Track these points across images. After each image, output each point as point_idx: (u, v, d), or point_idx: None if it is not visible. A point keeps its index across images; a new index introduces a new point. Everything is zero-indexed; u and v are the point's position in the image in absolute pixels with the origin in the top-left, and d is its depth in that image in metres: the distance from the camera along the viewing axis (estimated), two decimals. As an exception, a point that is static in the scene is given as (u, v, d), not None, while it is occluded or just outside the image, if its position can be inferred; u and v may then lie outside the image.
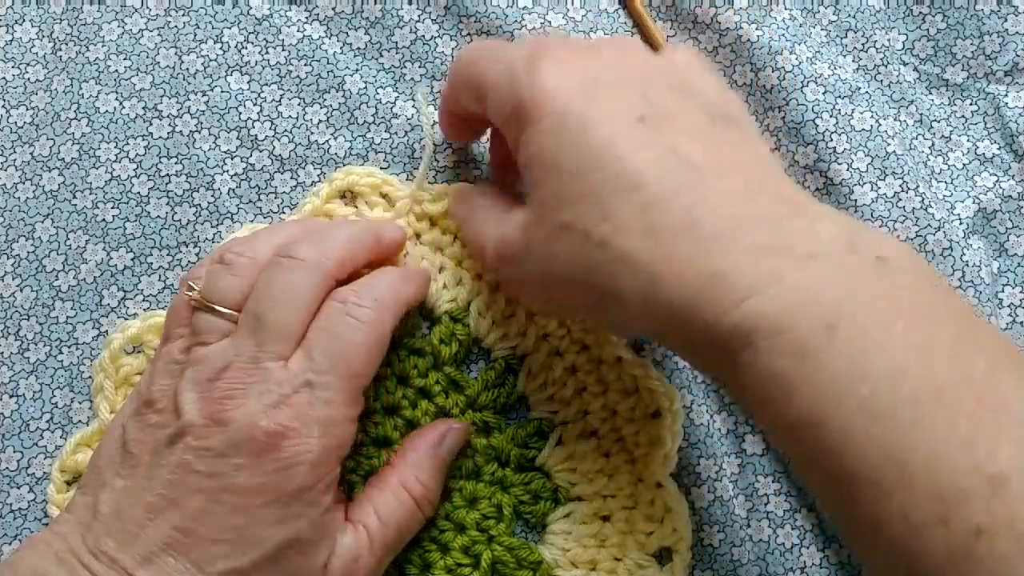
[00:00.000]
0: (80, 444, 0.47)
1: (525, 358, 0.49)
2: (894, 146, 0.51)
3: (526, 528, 0.49)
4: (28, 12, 0.54)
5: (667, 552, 0.48)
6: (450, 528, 0.48)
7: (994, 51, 0.52)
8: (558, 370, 0.49)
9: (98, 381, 0.47)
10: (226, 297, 0.42)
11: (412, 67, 0.53)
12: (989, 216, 0.51)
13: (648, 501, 0.48)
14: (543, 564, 0.47)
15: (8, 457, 0.49)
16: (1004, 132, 0.52)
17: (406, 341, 0.49)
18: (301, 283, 0.42)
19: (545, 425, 0.49)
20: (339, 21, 0.54)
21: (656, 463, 0.47)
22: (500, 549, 0.47)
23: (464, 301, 0.50)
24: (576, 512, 0.48)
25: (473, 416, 0.49)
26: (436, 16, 0.54)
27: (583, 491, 0.48)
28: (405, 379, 0.49)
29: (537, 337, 0.49)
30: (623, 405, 0.48)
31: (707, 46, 0.53)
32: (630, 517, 0.48)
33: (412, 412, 0.49)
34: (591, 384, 0.49)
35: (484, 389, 0.49)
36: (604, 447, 0.49)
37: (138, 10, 0.54)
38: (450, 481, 0.48)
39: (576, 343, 0.49)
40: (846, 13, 0.53)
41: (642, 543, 0.47)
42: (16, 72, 0.53)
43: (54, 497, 0.47)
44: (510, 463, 0.49)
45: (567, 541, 0.48)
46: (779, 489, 0.49)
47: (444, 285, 0.50)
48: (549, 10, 0.53)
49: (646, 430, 0.48)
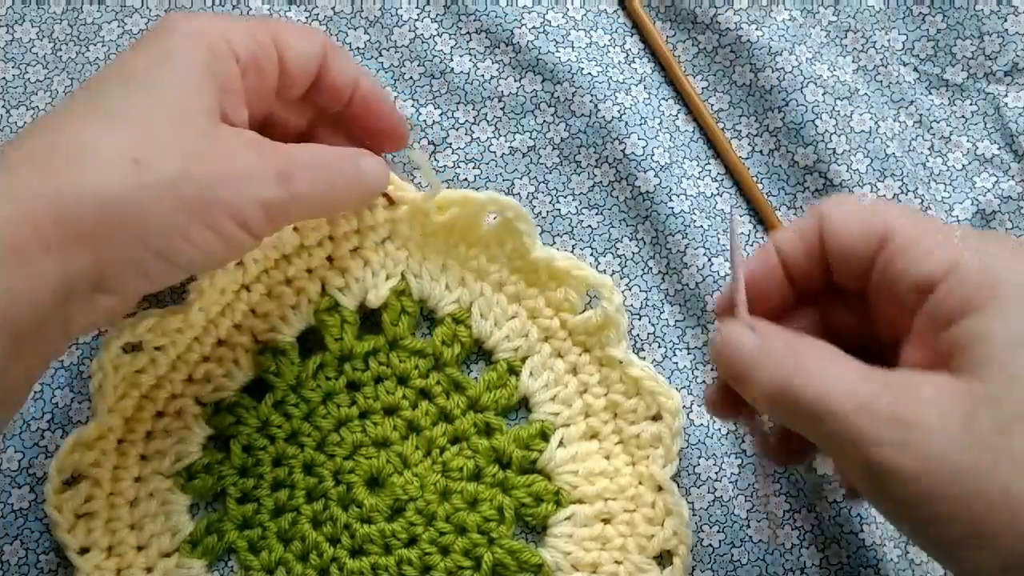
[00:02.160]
0: (78, 444, 0.47)
1: (527, 359, 0.49)
2: (893, 147, 0.51)
3: (527, 530, 0.49)
4: (28, 12, 0.54)
5: (667, 555, 0.48)
6: (451, 530, 0.48)
7: (994, 51, 0.52)
8: (560, 371, 0.49)
9: (96, 380, 0.47)
10: None
11: (411, 66, 0.53)
12: (988, 217, 0.51)
13: (649, 504, 0.48)
14: (544, 567, 0.47)
15: (8, 457, 0.49)
16: (1004, 132, 0.52)
17: (406, 342, 0.49)
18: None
19: (547, 427, 0.49)
20: (338, 21, 0.54)
21: (657, 466, 0.47)
22: (501, 551, 0.47)
23: (466, 303, 0.50)
24: (577, 514, 0.48)
25: (475, 417, 0.49)
26: (435, 15, 0.54)
27: (584, 493, 0.48)
28: (405, 379, 0.49)
29: (539, 338, 0.49)
30: (624, 407, 0.48)
31: (707, 46, 0.53)
32: (631, 520, 0.48)
33: (412, 412, 0.49)
34: (593, 385, 0.49)
35: (486, 390, 0.49)
36: (605, 449, 0.49)
37: (138, 10, 0.54)
38: (451, 482, 0.48)
39: (578, 345, 0.49)
40: (846, 13, 0.53)
41: (643, 546, 0.47)
42: (16, 72, 0.53)
43: (51, 497, 0.47)
44: (512, 465, 0.49)
45: (568, 544, 0.48)
46: (779, 489, 0.49)
47: (446, 286, 0.50)
48: (549, 9, 0.53)
49: (647, 432, 0.48)
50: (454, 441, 0.49)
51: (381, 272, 0.50)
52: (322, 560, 0.47)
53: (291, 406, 0.49)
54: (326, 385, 0.49)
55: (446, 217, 0.49)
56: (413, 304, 0.50)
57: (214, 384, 0.49)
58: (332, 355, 0.49)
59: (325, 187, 0.42)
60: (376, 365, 0.49)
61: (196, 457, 0.49)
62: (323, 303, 0.49)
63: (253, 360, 0.49)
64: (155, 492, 0.48)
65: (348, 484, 0.48)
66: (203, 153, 0.38)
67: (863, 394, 0.33)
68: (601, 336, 0.48)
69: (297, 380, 0.49)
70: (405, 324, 0.49)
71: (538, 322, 0.49)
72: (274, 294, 0.49)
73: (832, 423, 0.33)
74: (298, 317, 0.49)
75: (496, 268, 0.49)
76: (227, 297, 0.49)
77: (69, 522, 0.47)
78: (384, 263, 0.50)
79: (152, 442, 0.49)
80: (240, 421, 0.49)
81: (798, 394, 0.34)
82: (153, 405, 0.49)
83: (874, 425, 0.32)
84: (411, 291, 0.50)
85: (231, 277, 0.48)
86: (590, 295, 0.49)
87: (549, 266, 0.48)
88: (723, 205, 0.51)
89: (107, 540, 0.47)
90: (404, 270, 0.50)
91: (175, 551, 0.48)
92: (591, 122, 0.52)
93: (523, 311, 0.49)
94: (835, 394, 0.33)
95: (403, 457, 0.48)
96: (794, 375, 0.34)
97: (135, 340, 0.47)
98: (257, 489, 0.48)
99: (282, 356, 0.49)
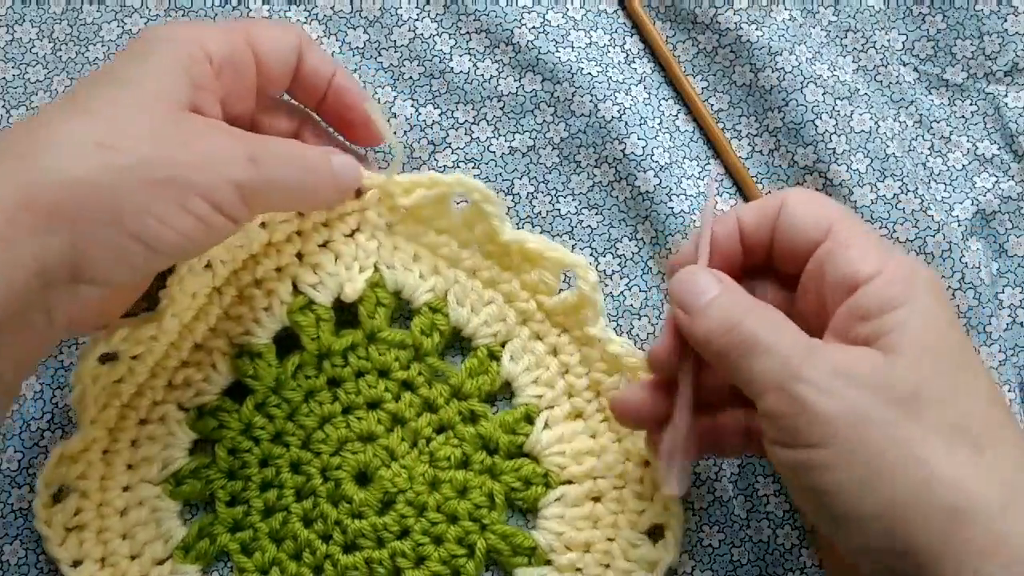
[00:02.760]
0: (63, 457, 0.47)
1: (506, 344, 0.49)
2: (893, 148, 0.51)
3: (519, 514, 0.49)
4: (28, 12, 0.54)
5: (659, 529, 0.48)
6: (443, 519, 0.48)
7: (994, 51, 0.52)
8: (540, 353, 0.49)
9: (76, 393, 0.47)
10: None
11: (411, 66, 0.53)
12: (988, 217, 0.51)
13: (637, 479, 0.48)
14: (538, 549, 0.48)
15: (8, 457, 0.49)
16: (1004, 132, 0.52)
17: (384, 334, 0.49)
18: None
19: (531, 410, 0.49)
20: (338, 20, 0.54)
21: (643, 440, 0.47)
22: (494, 537, 0.48)
23: (442, 291, 0.50)
24: (567, 495, 0.48)
25: (459, 406, 0.49)
26: (435, 15, 0.54)
27: (573, 473, 0.48)
28: (387, 372, 0.49)
29: (517, 322, 0.49)
30: (607, 384, 0.48)
31: (706, 46, 0.53)
32: (620, 496, 0.48)
33: (396, 405, 0.49)
34: (574, 366, 0.49)
35: (468, 377, 0.49)
36: (591, 428, 0.49)
37: (138, 10, 0.54)
38: (440, 472, 0.48)
39: (557, 326, 0.49)
40: (846, 13, 0.53)
41: (634, 522, 0.48)
42: (16, 72, 0.53)
43: (40, 512, 0.47)
44: (499, 451, 0.49)
45: (560, 525, 0.48)
46: (779, 489, 0.49)
47: (420, 275, 0.50)
48: (548, 9, 0.53)
49: None
50: (439, 430, 0.49)
51: (354, 265, 0.49)
52: (315, 558, 0.48)
53: (273, 407, 0.49)
54: (306, 384, 0.49)
55: (412, 200, 0.48)
56: (388, 296, 0.49)
57: (195, 389, 0.49)
58: (310, 354, 0.49)
59: (296, 174, 0.43)
60: (356, 360, 0.49)
61: (183, 463, 0.49)
62: (296, 303, 0.49)
63: (231, 364, 0.49)
64: (144, 500, 0.48)
65: (336, 480, 0.48)
66: (172, 136, 0.39)
67: (807, 343, 0.38)
68: (579, 315, 0.48)
69: (276, 382, 0.49)
70: (382, 316, 0.49)
71: (515, 306, 0.49)
72: (245, 296, 0.49)
73: (773, 359, 0.37)
74: (271, 319, 0.49)
75: (468, 254, 0.49)
76: (199, 301, 0.48)
77: (60, 536, 0.47)
78: (356, 255, 0.49)
79: (138, 450, 0.48)
80: (223, 425, 0.48)
81: (747, 330, 0.38)
82: (136, 413, 0.48)
83: (815, 369, 0.37)
84: (385, 282, 0.50)
85: (201, 281, 0.48)
86: (566, 274, 0.49)
87: (522, 248, 0.48)
88: (723, 206, 0.51)
89: (100, 551, 0.47)
90: (376, 261, 0.50)
91: (168, 558, 0.48)
92: (591, 122, 0.52)
93: (499, 296, 0.49)
94: (783, 338, 0.38)
95: (390, 450, 0.48)
96: (746, 315, 0.39)
97: (111, 350, 0.47)
98: (246, 491, 0.48)
99: (259, 359, 0.49)
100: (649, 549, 0.47)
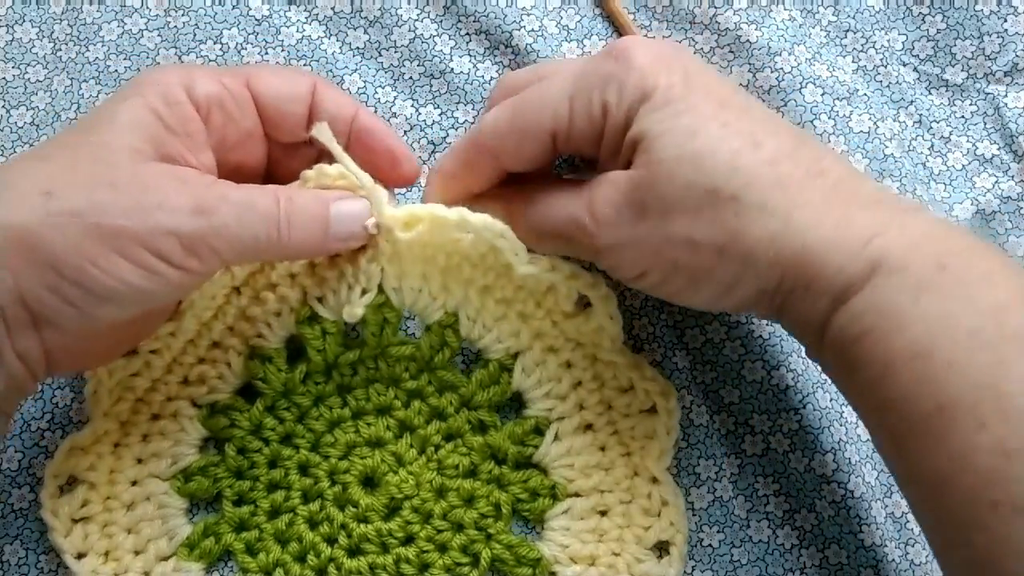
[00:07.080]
0: (73, 448, 0.47)
1: (519, 356, 0.49)
2: (892, 148, 0.51)
3: (524, 525, 0.49)
4: (28, 12, 0.54)
5: (665, 545, 0.48)
6: (448, 527, 0.48)
7: (994, 51, 0.52)
8: (553, 366, 0.49)
9: (92, 385, 0.47)
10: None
11: (411, 66, 0.53)
12: (988, 217, 0.51)
13: (645, 495, 0.48)
14: (542, 560, 0.47)
15: (9, 457, 0.49)
16: (1004, 132, 0.52)
17: (392, 350, 0.49)
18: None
19: (541, 422, 0.49)
20: (338, 21, 0.54)
21: (652, 457, 0.47)
22: (499, 547, 0.48)
23: (452, 308, 0.49)
24: (574, 508, 0.48)
25: (468, 415, 0.49)
26: (435, 15, 0.54)
27: (580, 486, 0.48)
28: (397, 381, 0.49)
29: (531, 336, 0.49)
30: (619, 401, 0.48)
31: (705, 46, 0.53)
32: (627, 511, 0.48)
33: (405, 412, 0.49)
34: (586, 380, 0.49)
35: (478, 388, 0.49)
36: (600, 442, 0.49)
37: (138, 10, 0.54)
38: (447, 480, 0.48)
39: (571, 341, 0.49)
40: (846, 14, 0.53)
41: (640, 537, 0.48)
42: (16, 72, 0.53)
43: (47, 502, 0.47)
44: (507, 461, 0.49)
45: (566, 537, 0.48)
46: (779, 489, 0.49)
47: (430, 294, 0.48)
48: (545, 15, 0.53)
49: (642, 425, 0.48)
50: (448, 439, 0.49)
51: (356, 288, 0.47)
52: (320, 560, 0.48)
53: (283, 410, 0.49)
54: (315, 390, 0.49)
55: (413, 235, 0.46)
56: (394, 312, 0.48)
57: (208, 385, 0.49)
58: (316, 364, 0.49)
59: (259, 222, 0.41)
60: (364, 371, 0.49)
61: (192, 459, 0.49)
62: (303, 312, 0.48)
63: (244, 364, 0.49)
64: (151, 495, 0.48)
65: (343, 484, 0.48)
66: (116, 185, 0.39)
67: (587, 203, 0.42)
68: (595, 338, 0.48)
69: (285, 387, 0.49)
70: (388, 332, 0.48)
71: (528, 323, 0.49)
72: (260, 298, 0.49)
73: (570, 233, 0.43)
74: (281, 325, 0.49)
75: (481, 274, 0.48)
76: (219, 300, 0.48)
77: (66, 527, 0.47)
78: (358, 278, 0.47)
79: (148, 445, 0.48)
80: (234, 424, 0.48)
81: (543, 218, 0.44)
82: (148, 408, 0.48)
83: (612, 217, 0.41)
84: (391, 302, 0.48)
85: (220, 282, 0.48)
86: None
87: (537, 281, 0.47)
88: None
89: (104, 544, 0.47)
90: (381, 282, 0.47)
91: (172, 555, 0.48)
92: (591, 122, 0.52)
93: (512, 313, 0.49)
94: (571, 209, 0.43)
95: (398, 456, 0.48)
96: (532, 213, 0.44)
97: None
98: (253, 491, 0.48)
99: (269, 363, 0.48)
100: (654, 565, 0.47)
